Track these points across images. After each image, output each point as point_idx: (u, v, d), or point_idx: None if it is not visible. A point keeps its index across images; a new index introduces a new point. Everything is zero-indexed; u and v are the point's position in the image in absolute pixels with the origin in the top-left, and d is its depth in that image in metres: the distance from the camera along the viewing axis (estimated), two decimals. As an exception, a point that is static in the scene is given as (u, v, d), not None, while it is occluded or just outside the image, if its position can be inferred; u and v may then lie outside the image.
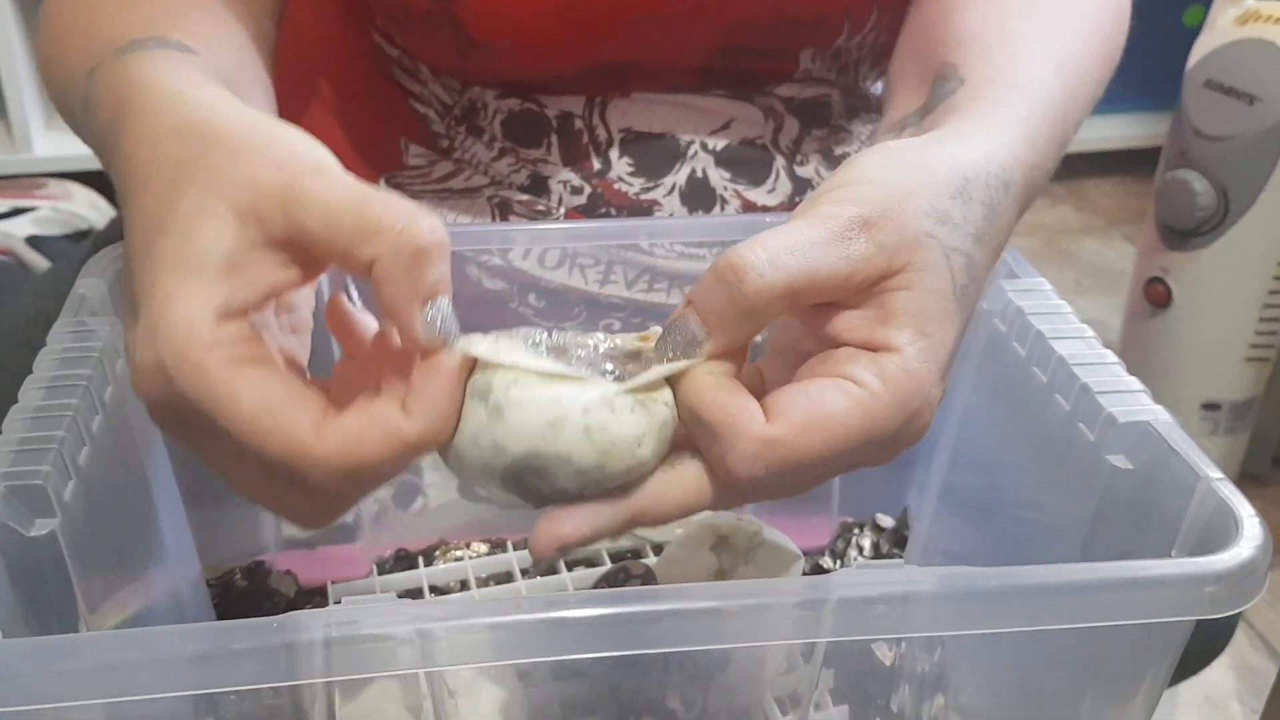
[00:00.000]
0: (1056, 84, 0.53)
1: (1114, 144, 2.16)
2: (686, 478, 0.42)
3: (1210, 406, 1.40)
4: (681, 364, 0.42)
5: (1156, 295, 1.39)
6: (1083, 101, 0.56)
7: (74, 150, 1.75)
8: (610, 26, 0.63)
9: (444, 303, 0.40)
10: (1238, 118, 1.27)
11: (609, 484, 0.41)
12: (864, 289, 0.42)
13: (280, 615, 0.38)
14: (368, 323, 0.46)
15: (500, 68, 0.65)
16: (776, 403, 0.40)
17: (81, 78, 0.50)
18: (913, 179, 0.43)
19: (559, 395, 0.40)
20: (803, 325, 0.44)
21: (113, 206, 1.22)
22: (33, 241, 1.16)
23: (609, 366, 0.42)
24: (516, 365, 0.40)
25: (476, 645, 0.39)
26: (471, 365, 0.41)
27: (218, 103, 0.43)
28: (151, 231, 0.40)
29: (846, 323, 0.42)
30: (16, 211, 1.17)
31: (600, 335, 0.43)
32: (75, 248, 1.17)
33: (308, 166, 0.40)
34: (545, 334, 0.43)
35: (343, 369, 0.46)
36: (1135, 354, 1.41)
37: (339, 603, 0.39)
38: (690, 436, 0.42)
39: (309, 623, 0.38)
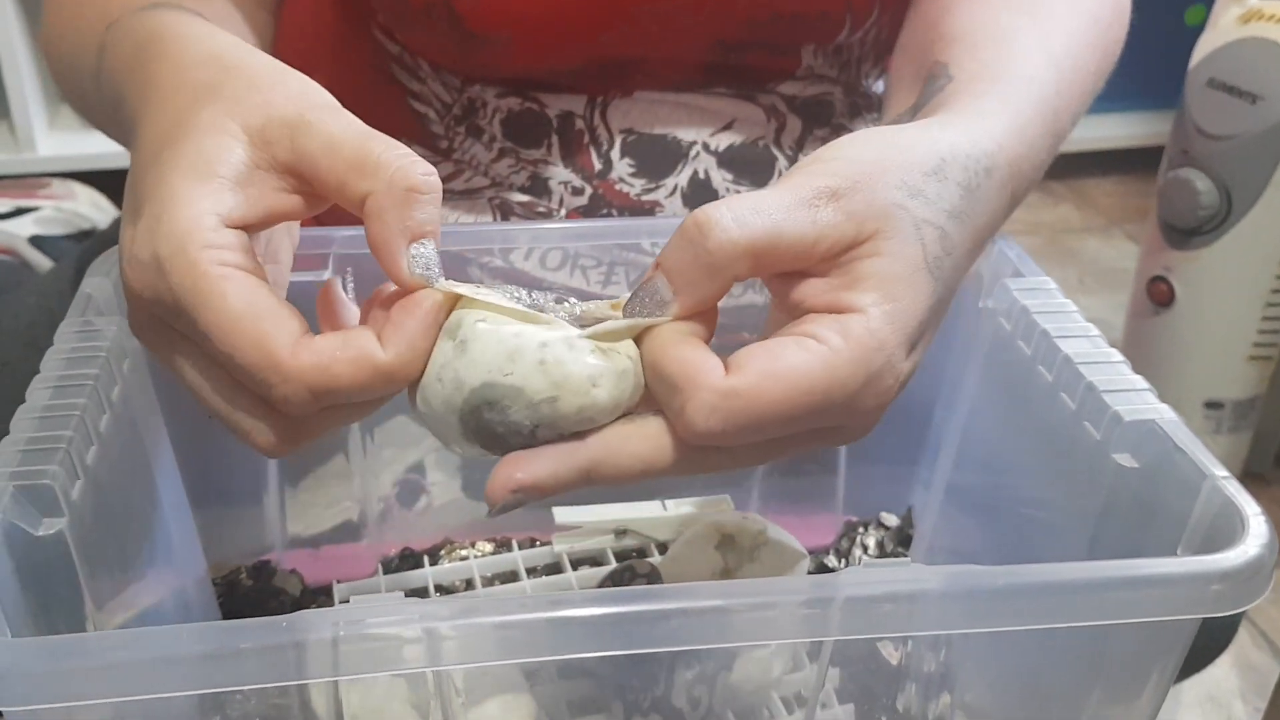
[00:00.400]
0: (1049, 77, 0.52)
1: (1115, 143, 2.16)
2: (647, 430, 0.41)
3: (1213, 405, 1.40)
4: (648, 320, 0.42)
5: (1159, 294, 1.39)
6: (1079, 96, 0.55)
7: (77, 150, 1.75)
8: (609, 19, 0.63)
9: (430, 245, 0.41)
10: (1240, 117, 1.27)
11: (563, 424, 0.41)
12: (831, 257, 0.42)
13: (289, 614, 0.38)
14: (354, 314, 0.47)
15: (500, 62, 0.65)
16: (737, 358, 0.40)
17: (98, 32, 0.52)
18: (887, 156, 0.43)
19: (521, 331, 0.41)
20: (771, 295, 0.44)
21: (116, 207, 1.22)
22: (35, 241, 1.16)
23: (579, 327, 0.43)
24: (490, 304, 0.41)
25: (485, 644, 0.39)
26: (451, 308, 0.42)
27: (241, 43, 0.46)
28: (163, 140, 0.42)
29: (813, 289, 0.42)
30: (19, 211, 1.17)
31: (575, 300, 0.45)
32: (78, 247, 1.17)
33: (320, 103, 0.43)
34: (525, 292, 0.44)
35: None
36: (1138, 352, 1.41)
37: (346, 601, 0.39)
38: (654, 395, 0.42)
39: (318, 622, 0.38)
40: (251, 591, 0.65)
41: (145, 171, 0.42)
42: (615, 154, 0.67)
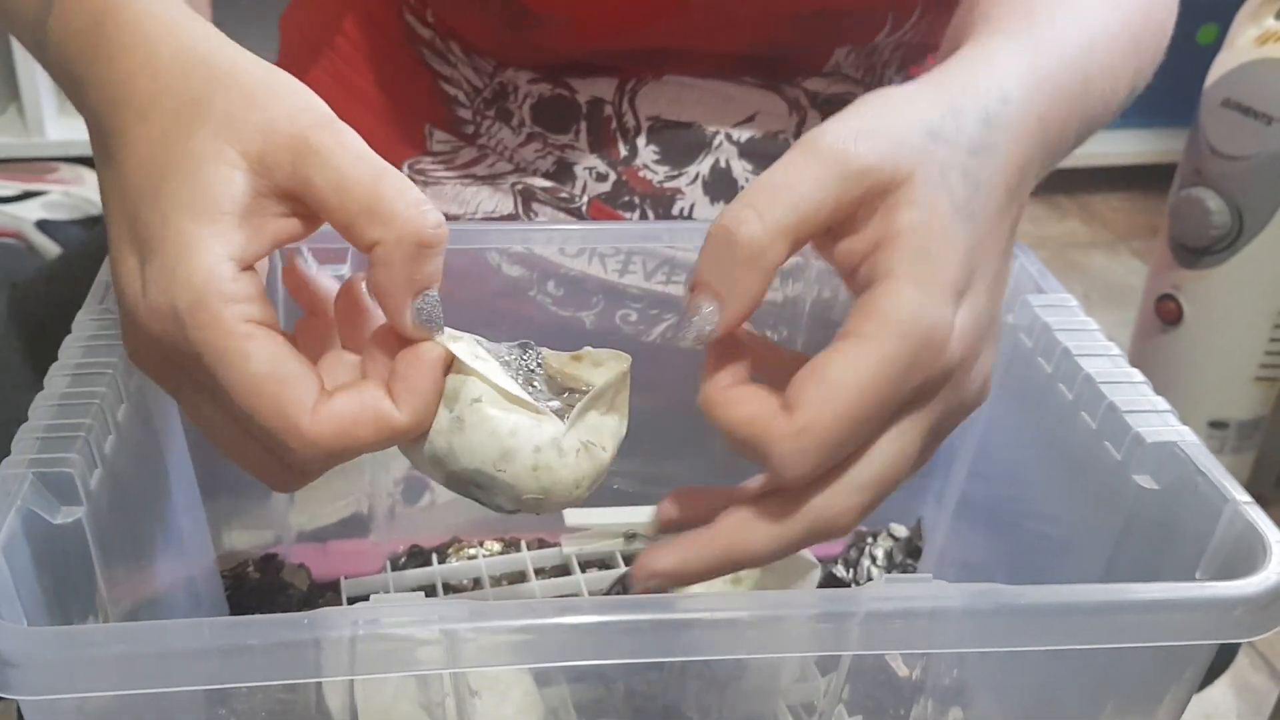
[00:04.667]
0: (1079, 40, 0.51)
1: (1122, 159, 2.16)
2: (769, 506, 0.42)
3: (1217, 425, 1.40)
4: (609, 382, 0.45)
5: (1167, 312, 1.39)
6: (1110, 70, 0.53)
7: (86, 135, 1.76)
8: (664, 8, 0.63)
9: (433, 295, 0.41)
10: (1255, 137, 1.27)
11: (545, 511, 0.45)
12: (861, 207, 0.41)
13: (311, 611, 0.38)
14: (326, 284, 0.47)
15: (548, 44, 0.64)
16: (791, 393, 0.40)
17: None
18: (898, 105, 0.43)
19: (515, 427, 0.42)
20: (824, 259, 0.44)
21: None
22: (42, 225, 1.15)
23: (548, 392, 0.45)
24: (487, 379, 0.42)
25: (503, 647, 0.39)
26: (449, 361, 0.42)
27: (215, 36, 0.43)
28: (159, 168, 0.40)
29: (849, 247, 0.42)
30: (27, 195, 1.17)
31: (536, 348, 0.46)
32: (85, 233, 1.16)
33: (321, 121, 0.40)
34: (500, 346, 0.46)
35: (304, 326, 0.47)
36: (1144, 370, 1.40)
37: (366, 598, 0.39)
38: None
39: (338, 620, 0.38)
40: (259, 585, 0.65)
41: (143, 203, 0.40)
42: (641, 140, 0.67)
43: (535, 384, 0.45)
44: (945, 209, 0.41)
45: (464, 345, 0.43)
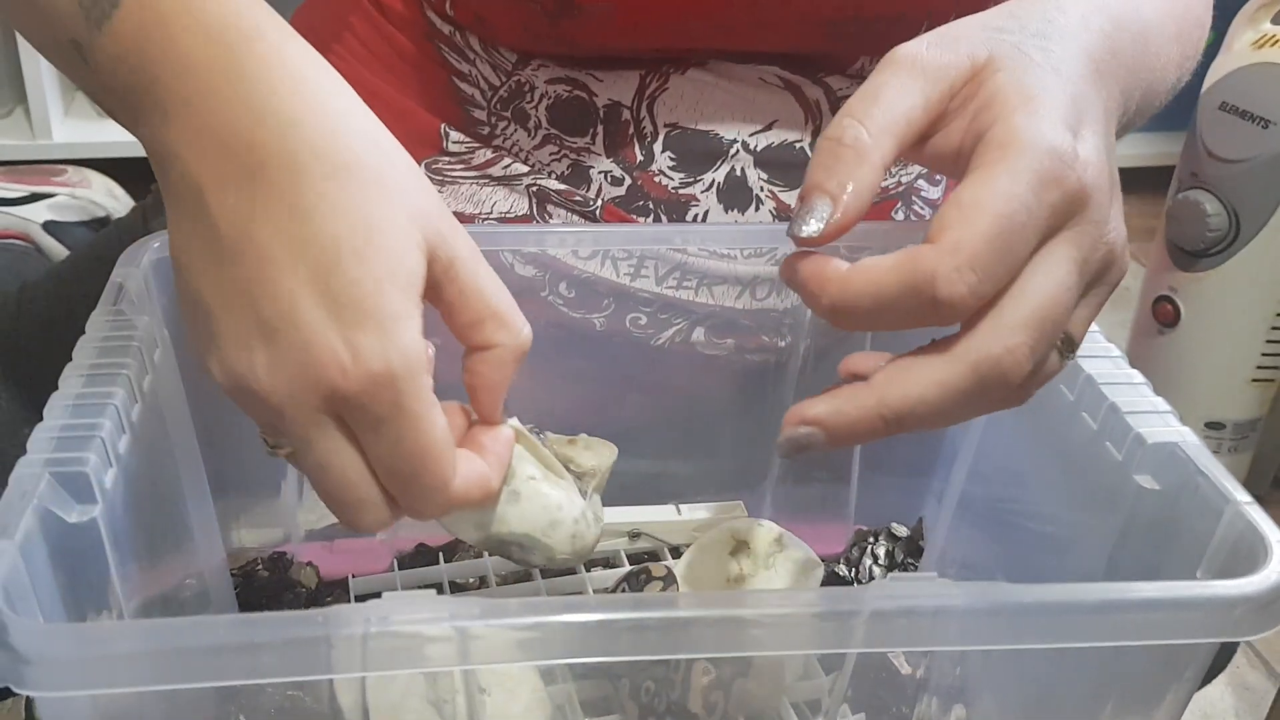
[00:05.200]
0: (1127, 7, 0.53)
1: (1120, 162, 2.14)
2: (926, 354, 0.43)
3: (1213, 426, 1.41)
4: (609, 467, 0.56)
5: (1164, 314, 1.39)
6: (1160, 40, 0.56)
7: (93, 138, 1.75)
8: (706, 6, 0.63)
9: None
10: (1252, 141, 1.28)
11: (564, 566, 0.57)
12: (955, 94, 0.45)
13: (324, 608, 0.38)
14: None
15: (581, 36, 0.64)
16: (932, 229, 0.42)
17: None
18: (961, 21, 0.48)
19: (561, 502, 0.51)
20: (933, 169, 0.48)
21: (130, 195, 1.22)
22: (49, 227, 1.16)
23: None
24: (538, 463, 0.52)
25: (514, 645, 0.39)
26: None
27: (341, 85, 0.45)
28: (360, 229, 0.41)
29: (946, 137, 0.45)
30: (34, 197, 1.17)
31: (546, 434, 0.58)
32: (91, 234, 1.17)
33: (457, 224, 0.45)
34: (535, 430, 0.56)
35: None
36: (1141, 371, 1.41)
37: (372, 596, 0.40)
38: (912, 316, 0.42)
39: (351, 617, 0.38)
40: (268, 583, 0.65)
41: (347, 260, 0.41)
42: (657, 146, 0.67)
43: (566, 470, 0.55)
44: (1031, 66, 0.45)
45: (521, 431, 0.52)
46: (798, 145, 0.68)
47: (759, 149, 0.68)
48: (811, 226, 0.43)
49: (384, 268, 0.41)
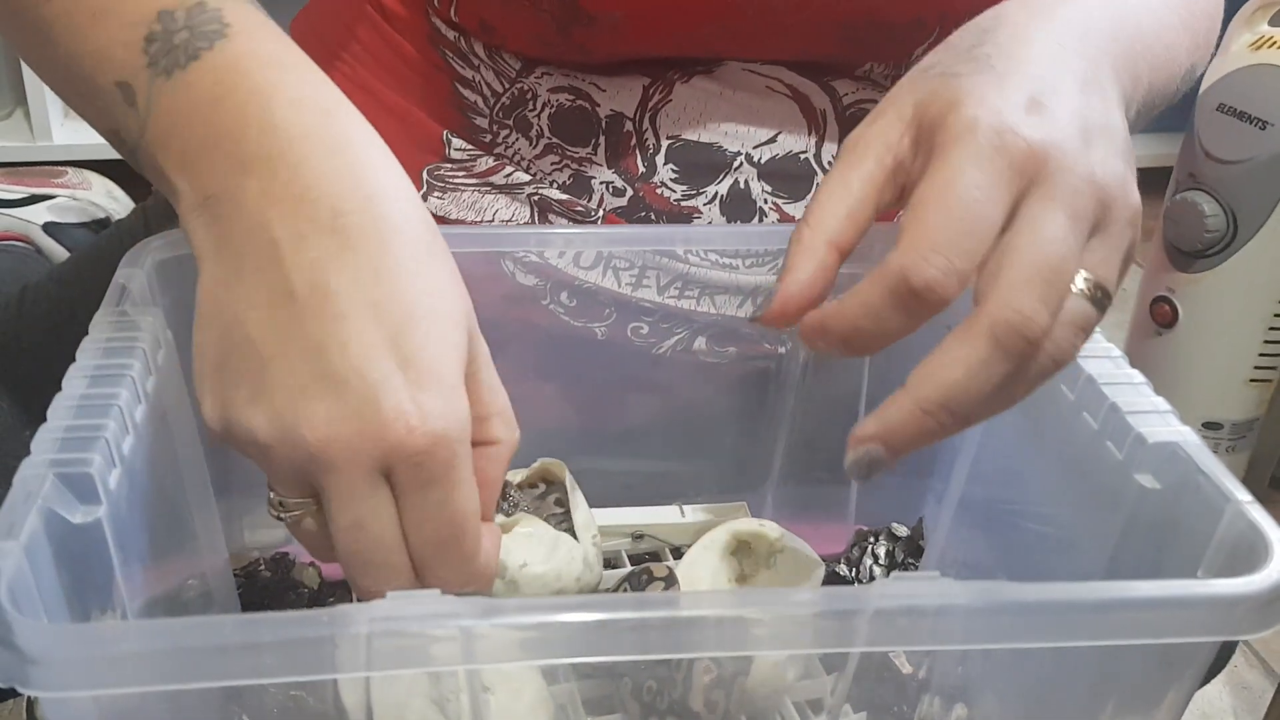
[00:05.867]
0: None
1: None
2: (944, 347, 0.43)
3: (1211, 426, 1.41)
4: (568, 485, 0.61)
5: (1162, 315, 1.40)
6: (1161, 28, 0.56)
7: (93, 139, 1.75)
8: (717, 11, 0.63)
9: None
10: (1249, 142, 1.28)
11: None
12: (895, 155, 0.46)
13: (329, 608, 0.39)
14: None
15: (590, 43, 0.64)
16: (901, 226, 0.43)
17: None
18: (893, 90, 0.49)
19: (559, 573, 0.54)
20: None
21: (130, 197, 1.22)
22: (49, 228, 1.16)
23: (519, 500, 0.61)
24: (527, 537, 0.56)
25: (518, 644, 0.39)
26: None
27: (397, 168, 0.47)
28: (425, 291, 0.44)
29: (914, 168, 0.46)
30: (34, 199, 1.17)
31: (515, 491, 0.62)
32: (92, 236, 1.17)
33: (475, 323, 0.47)
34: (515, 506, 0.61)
35: None
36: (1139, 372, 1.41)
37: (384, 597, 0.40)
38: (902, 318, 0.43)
39: (356, 616, 0.38)
40: (270, 583, 0.65)
41: (420, 318, 0.44)
42: (659, 159, 0.67)
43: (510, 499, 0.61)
44: (958, 80, 0.46)
45: (505, 523, 0.56)
46: (802, 157, 0.69)
47: (762, 161, 0.68)
48: (758, 308, 0.46)
49: (449, 339, 0.44)
